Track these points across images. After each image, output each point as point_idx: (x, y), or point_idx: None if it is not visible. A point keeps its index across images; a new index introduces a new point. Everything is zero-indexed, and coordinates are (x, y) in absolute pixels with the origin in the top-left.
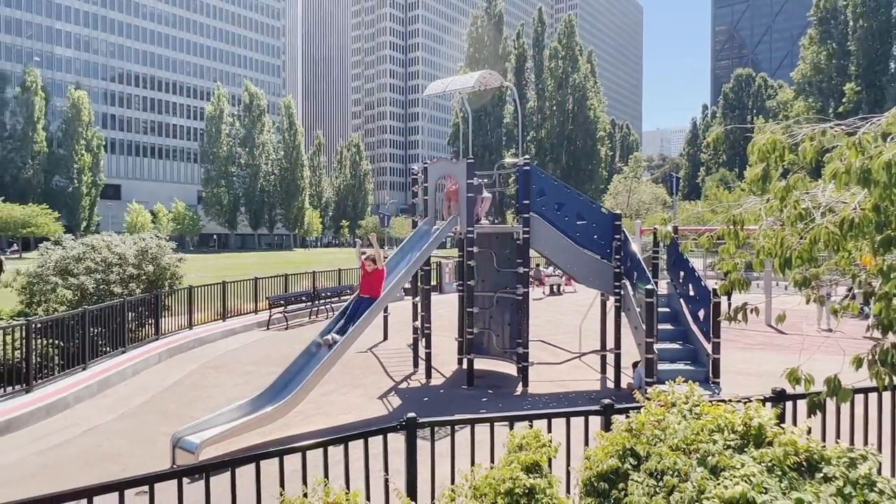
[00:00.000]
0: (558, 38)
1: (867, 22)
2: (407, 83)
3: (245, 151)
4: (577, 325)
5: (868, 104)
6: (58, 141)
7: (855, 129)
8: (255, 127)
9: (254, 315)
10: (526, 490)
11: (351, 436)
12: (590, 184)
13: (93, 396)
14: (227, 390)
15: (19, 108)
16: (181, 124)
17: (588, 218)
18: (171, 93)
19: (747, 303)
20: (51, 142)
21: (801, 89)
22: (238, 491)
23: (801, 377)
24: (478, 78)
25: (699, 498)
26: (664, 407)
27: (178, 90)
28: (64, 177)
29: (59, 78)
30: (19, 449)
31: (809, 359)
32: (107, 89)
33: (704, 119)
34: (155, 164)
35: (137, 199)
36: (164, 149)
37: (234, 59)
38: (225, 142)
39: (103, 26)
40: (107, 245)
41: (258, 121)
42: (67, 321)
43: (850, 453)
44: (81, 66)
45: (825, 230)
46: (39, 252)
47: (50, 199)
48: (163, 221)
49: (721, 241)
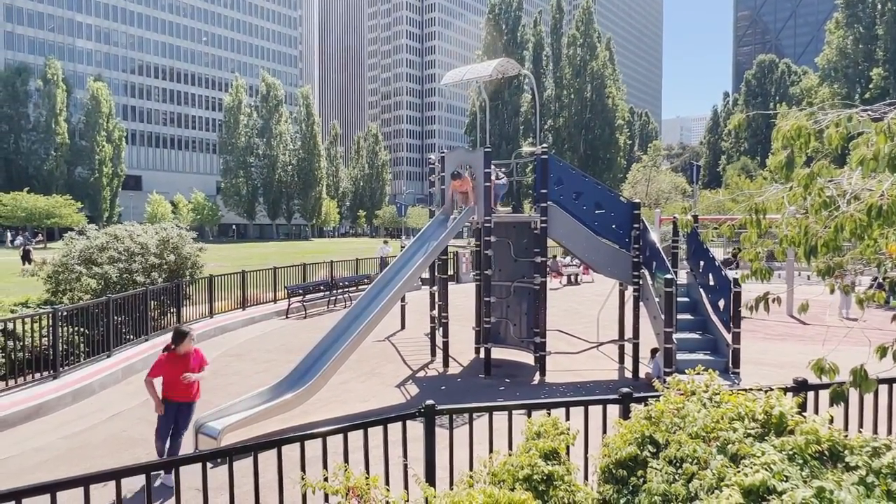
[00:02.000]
0: (576, 25)
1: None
2: (423, 72)
3: (263, 142)
4: (595, 314)
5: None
6: (79, 132)
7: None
8: (272, 117)
9: (273, 304)
10: (544, 476)
11: (370, 422)
12: (608, 173)
13: (117, 383)
14: (248, 377)
15: (41, 100)
16: (200, 115)
17: (606, 207)
18: (190, 84)
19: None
20: (73, 133)
21: (826, 75)
22: (260, 476)
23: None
24: (495, 66)
25: (719, 485)
26: (683, 395)
27: (197, 81)
28: (86, 168)
29: (80, 70)
30: (48, 433)
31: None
32: (127, 81)
33: (726, 107)
34: (175, 155)
35: (158, 189)
36: (183, 140)
37: (252, 49)
38: (243, 132)
39: (123, 18)
40: (129, 235)
41: (275, 111)
42: (92, 309)
43: (874, 443)
44: (102, 58)
45: (851, 218)
46: (64, 242)
47: (72, 189)
48: (183, 212)
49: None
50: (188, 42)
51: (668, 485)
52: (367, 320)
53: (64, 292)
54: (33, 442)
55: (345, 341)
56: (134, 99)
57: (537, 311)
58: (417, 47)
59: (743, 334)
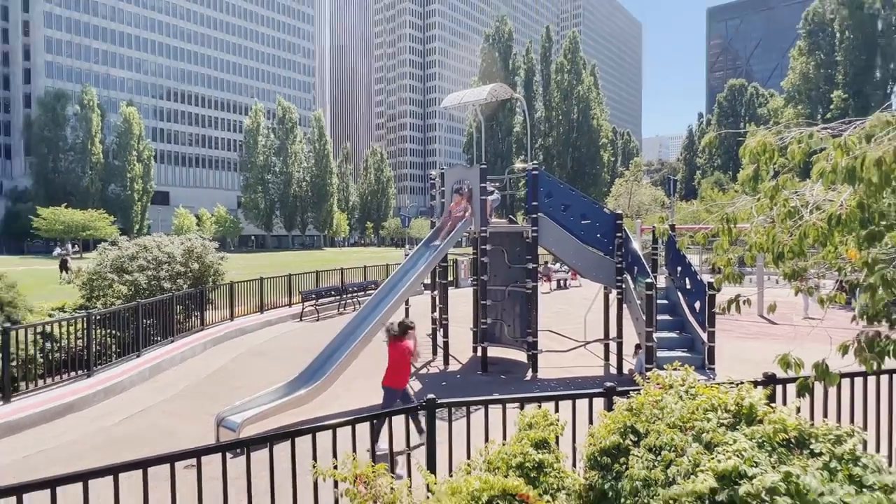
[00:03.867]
0: (564, 53)
1: (853, 34)
2: (425, 97)
3: (279, 160)
4: (582, 316)
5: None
6: (113, 153)
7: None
8: (288, 138)
9: (288, 308)
10: (535, 464)
11: (377, 415)
12: (594, 187)
13: (145, 380)
14: (265, 375)
15: (78, 123)
16: (222, 137)
17: (592, 218)
18: (213, 108)
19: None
20: (107, 153)
21: (790, 97)
22: (275, 465)
23: (791, 362)
24: (490, 90)
25: (694, 471)
26: (662, 389)
27: (220, 106)
28: (118, 185)
29: (113, 96)
30: (82, 426)
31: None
32: (156, 106)
33: (700, 126)
34: (199, 172)
35: (184, 204)
36: (207, 159)
37: (270, 77)
38: (261, 152)
39: (153, 49)
40: (157, 245)
41: (291, 133)
42: (123, 313)
43: (836, 431)
44: (134, 85)
45: (813, 226)
46: (98, 252)
47: (106, 204)
48: (206, 224)
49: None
50: (212, 70)
51: (648, 471)
52: (373, 322)
53: (97, 298)
54: (69, 435)
55: (354, 341)
56: (162, 122)
57: (529, 312)
58: (419, 74)
59: (717, 333)
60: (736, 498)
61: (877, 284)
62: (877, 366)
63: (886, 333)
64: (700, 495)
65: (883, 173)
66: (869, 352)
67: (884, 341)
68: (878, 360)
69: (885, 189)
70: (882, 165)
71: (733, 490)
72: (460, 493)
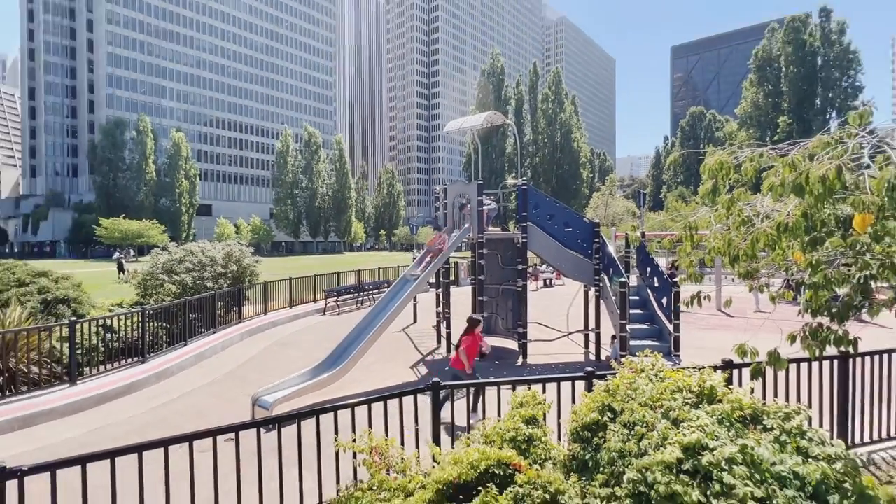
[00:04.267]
0: (548, 85)
1: (796, 68)
2: (430, 122)
3: (305, 178)
4: (566, 310)
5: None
6: (164, 171)
7: (787, 152)
8: (313, 159)
9: (313, 304)
10: (526, 437)
11: (389, 395)
12: (574, 200)
13: (192, 366)
14: (294, 361)
15: (135, 147)
16: (257, 157)
17: (573, 226)
18: (249, 133)
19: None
20: (159, 172)
21: (743, 122)
22: (303, 438)
23: (747, 350)
24: (485, 117)
25: (663, 443)
26: (635, 373)
27: (255, 131)
28: (168, 199)
29: (164, 123)
30: (138, 406)
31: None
32: (201, 131)
33: (666, 147)
34: (237, 188)
35: (224, 215)
36: (244, 176)
37: (297, 106)
38: (290, 171)
39: (198, 83)
40: (201, 250)
41: (315, 154)
42: (172, 308)
43: (786, 409)
44: (182, 114)
45: (764, 232)
46: (151, 256)
47: (158, 215)
48: (243, 232)
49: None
50: (248, 101)
51: (623, 443)
52: (386, 316)
53: (150, 295)
54: (128, 412)
55: (370, 332)
56: (206, 145)
57: (520, 307)
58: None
59: (682, 325)
60: (699, 467)
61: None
62: (819, 352)
63: (828, 325)
64: (668, 464)
65: (826, 187)
66: (813, 340)
67: (826, 332)
68: (821, 347)
69: (826, 200)
70: (825, 181)
71: (697, 460)
72: (462, 463)
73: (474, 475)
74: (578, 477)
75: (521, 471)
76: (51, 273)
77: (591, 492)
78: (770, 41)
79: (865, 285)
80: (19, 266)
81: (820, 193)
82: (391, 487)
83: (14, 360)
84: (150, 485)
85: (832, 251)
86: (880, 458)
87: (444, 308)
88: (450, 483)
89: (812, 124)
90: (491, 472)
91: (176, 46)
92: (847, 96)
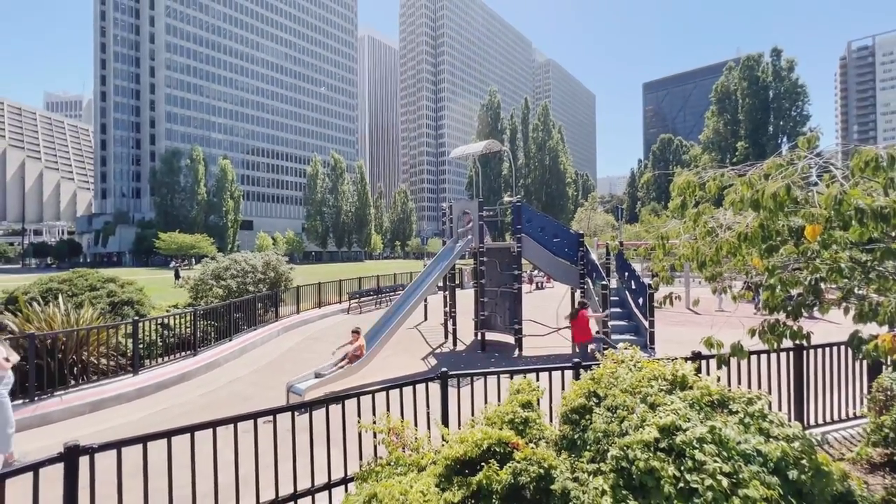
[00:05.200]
0: (538, 117)
1: (751, 99)
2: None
3: (332, 197)
4: (555, 309)
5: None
6: (212, 193)
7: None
8: (338, 181)
9: (338, 304)
10: (522, 420)
11: (405, 383)
12: (562, 214)
13: (236, 359)
14: (322, 354)
15: (189, 172)
16: (290, 180)
17: (561, 237)
18: (284, 160)
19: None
20: (208, 193)
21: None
22: (330, 421)
23: (713, 342)
24: (485, 145)
25: (642, 424)
26: (616, 363)
27: (289, 158)
28: (216, 216)
29: (213, 152)
30: (190, 392)
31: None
32: (244, 158)
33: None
34: (274, 206)
35: (263, 229)
36: (280, 196)
37: (325, 137)
38: (319, 191)
39: (241, 119)
40: (244, 259)
41: (340, 177)
42: (219, 309)
43: (748, 395)
44: (227, 144)
45: (727, 241)
46: (202, 265)
47: (208, 230)
48: (279, 244)
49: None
50: (283, 133)
51: (607, 425)
52: (400, 314)
53: (201, 298)
54: (182, 398)
55: (387, 329)
56: (248, 170)
57: (515, 307)
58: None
59: (656, 322)
60: (674, 445)
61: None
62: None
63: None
64: (647, 443)
65: (777, 202)
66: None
67: (782, 327)
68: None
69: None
70: (777, 197)
71: (672, 439)
72: (467, 442)
73: (478, 452)
74: (568, 454)
75: (518, 449)
76: (117, 279)
77: (580, 467)
78: (728, 77)
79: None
80: (91, 273)
81: (773, 208)
82: (406, 463)
83: (86, 353)
84: (201, 459)
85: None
86: (833, 438)
87: (450, 308)
88: (457, 459)
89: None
90: (493, 449)
91: (223, 88)
92: (796, 123)
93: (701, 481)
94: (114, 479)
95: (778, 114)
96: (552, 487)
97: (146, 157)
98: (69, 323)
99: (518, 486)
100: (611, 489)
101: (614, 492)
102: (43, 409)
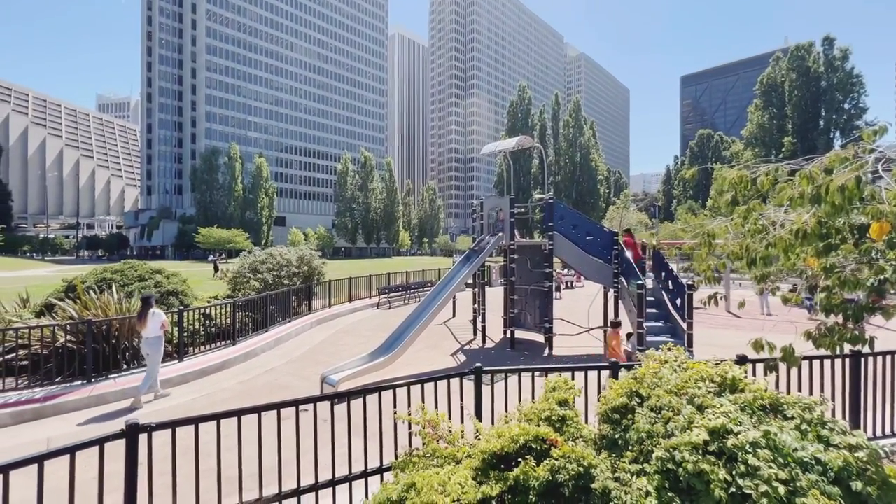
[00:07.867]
0: (569, 113)
1: (800, 92)
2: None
3: (362, 194)
4: (587, 308)
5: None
6: (248, 190)
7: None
8: (367, 178)
9: (368, 299)
10: (560, 417)
11: (439, 377)
12: (592, 212)
13: (272, 348)
14: (354, 347)
15: (226, 170)
16: (322, 177)
17: (594, 234)
18: (316, 158)
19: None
20: (245, 190)
21: (749, 143)
22: (367, 411)
23: (763, 344)
24: (517, 141)
25: (689, 426)
26: (659, 363)
27: (320, 156)
28: (252, 212)
29: (249, 150)
30: (230, 380)
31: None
32: (278, 157)
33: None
34: (306, 203)
35: (296, 225)
36: (312, 193)
37: (355, 135)
38: (349, 188)
39: (276, 118)
40: (279, 254)
41: (370, 174)
42: (256, 301)
43: (805, 400)
44: (263, 143)
45: (782, 239)
46: (239, 259)
47: (244, 226)
48: (311, 239)
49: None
50: (315, 131)
51: (651, 425)
52: (430, 311)
53: (239, 290)
54: (222, 385)
55: (417, 324)
56: (282, 168)
57: (546, 306)
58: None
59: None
60: (725, 449)
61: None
62: (840, 349)
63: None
64: (695, 445)
65: (845, 197)
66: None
67: (842, 330)
68: (839, 345)
69: (844, 209)
70: (844, 191)
71: (722, 443)
72: (504, 437)
73: (515, 448)
74: (608, 454)
75: (556, 446)
76: (163, 270)
77: (622, 467)
78: (775, 68)
79: (880, 288)
80: (140, 265)
81: (839, 203)
82: (443, 455)
83: (137, 340)
84: (247, 441)
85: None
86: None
87: (479, 305)
88: (494, 453)
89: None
90: (529, 445)
91: (259, 88)
92: (850, 117)
93: (755, 487)
94: (166, 457)
95: (830, 107)
96: (592, 486)
97: (187, 156)
98: (122, 310)
99: (556, 483)
100: (655, 491)
101: (659, 494)
102: (99, 391)
